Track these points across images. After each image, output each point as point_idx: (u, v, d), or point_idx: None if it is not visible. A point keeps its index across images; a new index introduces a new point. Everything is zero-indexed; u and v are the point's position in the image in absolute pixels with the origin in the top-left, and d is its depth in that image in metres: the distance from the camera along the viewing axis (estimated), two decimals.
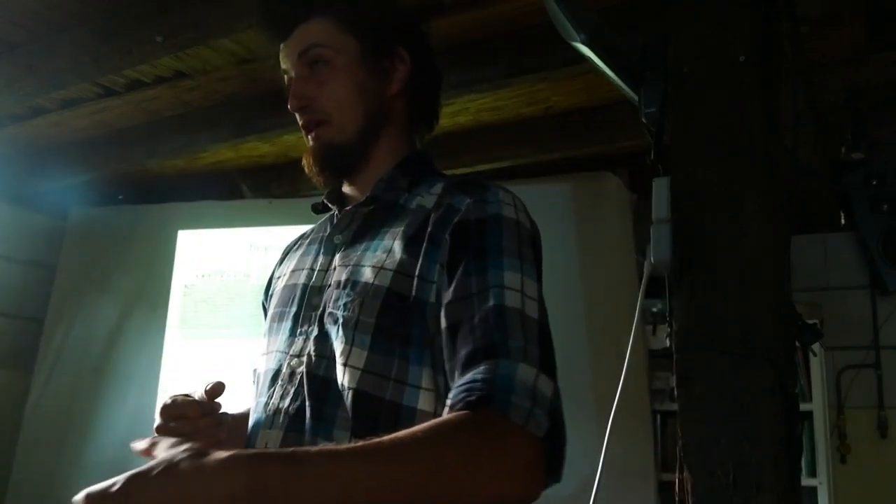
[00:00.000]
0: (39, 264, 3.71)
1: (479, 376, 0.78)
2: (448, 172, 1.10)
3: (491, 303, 0.83)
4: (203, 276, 3.53)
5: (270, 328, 1.03)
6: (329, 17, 1.02)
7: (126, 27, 2.32)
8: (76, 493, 0.63)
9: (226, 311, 3.45)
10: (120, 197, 3.79)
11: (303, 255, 1.08)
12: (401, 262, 0.91)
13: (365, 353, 0.88)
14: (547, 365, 0.82)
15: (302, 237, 1.17)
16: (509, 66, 2.40)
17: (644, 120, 1.61)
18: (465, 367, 0.80)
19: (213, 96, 2.84)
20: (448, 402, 0.79)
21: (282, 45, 1.05)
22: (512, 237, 0.90)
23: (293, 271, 1.06)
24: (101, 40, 2.37)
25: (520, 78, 2.43)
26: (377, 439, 0.71)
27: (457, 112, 2.85)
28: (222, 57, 2.43)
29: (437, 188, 0.99)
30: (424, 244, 0.91)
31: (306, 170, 1.04)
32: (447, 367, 0.85)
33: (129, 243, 3.61)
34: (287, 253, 1.16)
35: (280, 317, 1.01)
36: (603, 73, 1.64)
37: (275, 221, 3.42)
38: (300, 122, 1.04)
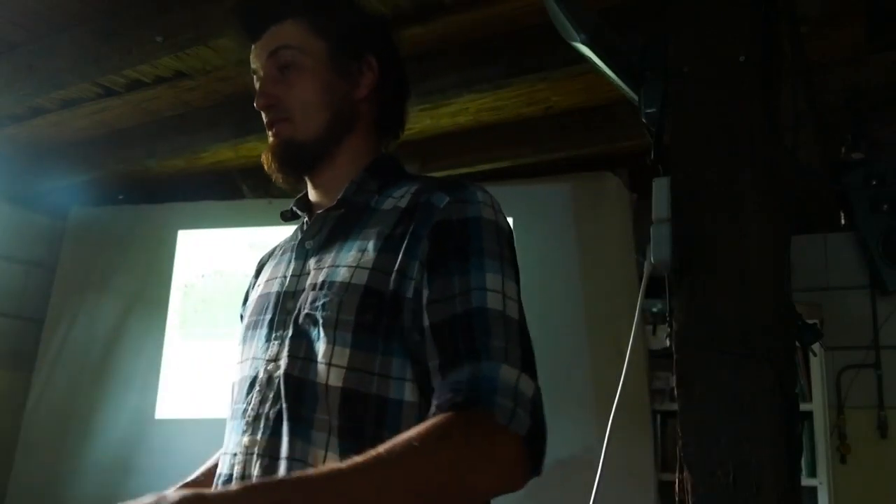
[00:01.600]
0: (39, 264, 3.71)
1: (463, 377, 0.82)
2: (448, 173, 1.09)
3: (474, 304, 0.86)
4: (203, 276, 3.53)
5: (245, 337, 1.04)
6: (300, 20, 1.04)
7: (126, 27, 2.32)
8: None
9: (226, 311, 3.45)
10: (120, 197, 3.79)
11: (276, 265, 1.08)
12: (377, 260, 0.92)
13: (348, 351, 0.88)
14: (527, 365, 0.86)
15: (275, 249, 1.18)
16: (509, 66, 2.40)
17: (644, 120, 1.61)
18: (450, 367, 0.84)
19: (213, 96, 2.84)
20: (434, 401, 0.83)
21: (253, 47, 1.08)
22: (492, 239, 0.92)
23: (267, 281, 1.07)
24: (101, 40, 2.37)
25: (520, 78, 2.43)
26: (375, 452, 0.74)
27: (457, 112, 2.85)
28: (222, 57, 2.43)
29: (412, 188, 1.00)
30: (406, 241, 0.92)
31: (265, 167, 1.05)
32: (430, 364, 0.87)
33: (129, 243, 3.60)
34: (262, 266, 1.17)
35: (255, 325, 1.02)
36: (603, 73, 1.64)
37: (275, 221, 3.35)
38: (265, 121, 1.05)
